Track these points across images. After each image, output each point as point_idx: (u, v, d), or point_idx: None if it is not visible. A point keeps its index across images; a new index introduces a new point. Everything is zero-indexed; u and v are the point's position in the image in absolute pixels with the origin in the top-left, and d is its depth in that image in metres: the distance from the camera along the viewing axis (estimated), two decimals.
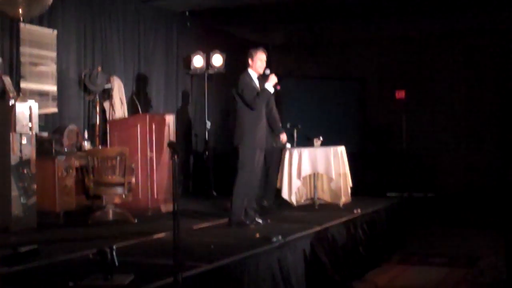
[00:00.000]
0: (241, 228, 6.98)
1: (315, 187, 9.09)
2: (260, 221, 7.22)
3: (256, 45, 7.92)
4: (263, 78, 7.28)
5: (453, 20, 13.28)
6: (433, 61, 14.62)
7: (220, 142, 12.90)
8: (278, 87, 7.21)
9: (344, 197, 9.07)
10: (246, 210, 7.21)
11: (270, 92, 7.17)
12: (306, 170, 8.89)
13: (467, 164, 13.97)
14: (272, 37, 14.63)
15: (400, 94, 14.97)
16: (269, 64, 7.51)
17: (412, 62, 14.72)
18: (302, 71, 12.89)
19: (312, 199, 9.11)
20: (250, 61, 7.33)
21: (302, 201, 9.19)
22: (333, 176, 8.92)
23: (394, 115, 14.90)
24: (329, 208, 8.76)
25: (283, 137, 8.57)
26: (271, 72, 7.25)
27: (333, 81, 14.89)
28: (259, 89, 7.20)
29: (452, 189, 13.88)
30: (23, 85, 8.27)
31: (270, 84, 7.13)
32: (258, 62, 7.28)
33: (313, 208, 8.77)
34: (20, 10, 7.10)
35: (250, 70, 7.31)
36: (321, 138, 9.40)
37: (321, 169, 8.99)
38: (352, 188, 9.44)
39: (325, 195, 9.31)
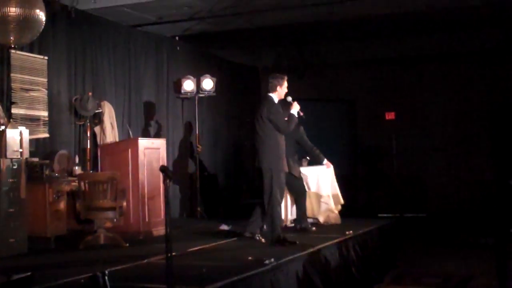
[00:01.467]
0: (281, 245, 7.16)
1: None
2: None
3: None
4: (284, 104, 7.52)
5: (442, 42, 13.42)
6: (422, 83, 14.74)
7: (211, 165, 12.94)
8: (301, 114, 7.42)
9: (336, 216, 9.17)
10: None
11: (296, 118, 7.49)
12: None
13: (458, 184, 14.02)
14: (262, 60, 14.73)
15: (390, 116, 15.08)
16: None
17: (402, 84, 14.84)
18: (292, 93, 12.86)
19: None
20: (278, 87, 7.54)
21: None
22: (324, 194, 9.01)
23: (384, 136, 14.99)
24: (324, 228, 8.81)
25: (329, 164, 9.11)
26: (293, 99, 7.44)
27: (323, 103, 14.96)
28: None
29: (443, 209, 13.92)
30: (14, 110, 8.28)
31: (295, 110, 7.48)
32: (284, 89, 7.56)
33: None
34: (12, 38, 7.14)
35: (273, 95, 7.52)
36: (308, 158, 9.48)
37: (313, 188, 9.05)
38: (343, 208, 9.49)
39: (317, 214, 9.34)
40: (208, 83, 11.74)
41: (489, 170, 13.50)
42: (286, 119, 7.50)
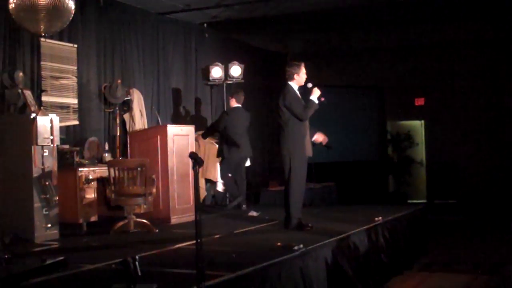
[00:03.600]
0: (300, 230, 7.24)
1: None
2: (310, 225, 7.42)
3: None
4: (304, 90, 7.47)
5: (473, 28, 13.23)
6: (452, 68, 14.61)
7: None
8: (322, 99, 7.41)
9: None
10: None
11: (316, 104, 7.40)
12: None
13: (488, 170, 13.88)
14: (290, 47, 14.68)
15: (420, 101, 14.97)
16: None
17: (431, 70, 14.72)
18: (320, 80, 12.85)
19: None
20: (296, 75, 7.50)
21: None
22: None
23: (413, 122, 14.90)
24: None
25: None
26: (313, 86, 7.38)
27: (352, 89, 14.89)
28: (303, 100, 7.44)
29: (474, 195, 13.80)
30: (44, 98, 8.38)
31: (315, 96, 7.39)
32: (303, 76, 7.51)
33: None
34: (42, 26, 7.19)
35: (291, 83, 7.51)
36: None
37: None
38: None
39: None
40: (236, 70, 11.77)
41: None
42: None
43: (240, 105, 10.23)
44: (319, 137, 7.77)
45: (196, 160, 4.59)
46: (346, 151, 14.18)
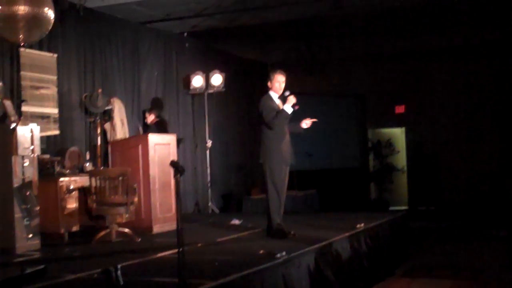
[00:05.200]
0: (283, 237, 7.18)
1: None
2: (292, 232, 7.38)
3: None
4: (282, 99, 7.45)
5: (451, 36, 13.37)
6: (432, 75, 14.74)
7: (221, 160, 12.98)
8: (297, 107, 7.37)
9: None
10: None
11: (288, 113, 7.35)
12: None
13: (469, 177, 13.99)
14: (271, 56, 14.73)
15: (400, 109, 15.09)
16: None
17: (411, 77, 14.85)
18: (301, 88, 12.95)
19: None
20: (269, 83, 7.52)
21: None
22: None
23: (394, 130, 15.00)
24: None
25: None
26: (290, 94, 7.38)
27: (333, 97, 14.98)
28: (279, 109, 7.41)
29: (455, 201, 13.91)
30: (24, 108, 8.33)
31: (289, 105, 7.34)
32: (275, 84, 7.47)
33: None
34: (21, 36, 7.16)
35: (271, 92, 7.52)
36: None
37: None
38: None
39: None
40: (217, 79, 11.79)
41: (500, 162, 13.47)
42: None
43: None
44: (305, 123, 7.59)
45: (178, 168, 4.59)
46: (328, 158, 14.26)
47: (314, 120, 7.60)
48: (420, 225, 11.45)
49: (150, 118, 10.15)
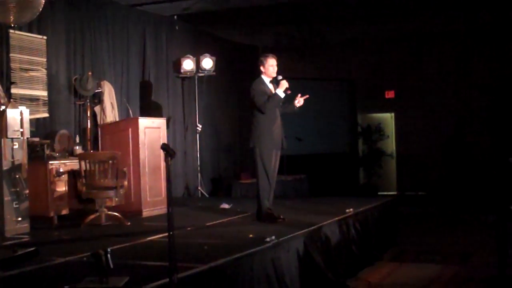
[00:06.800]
0: (272, 222, 7.22)
1: None
2: (281, 216, 7.42)
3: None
4: (275, 83, 7.45)
5: (441, 20, 13.37)
6: (422, 61, 14.76)
7: (211, 144, 12.98)
8: (289, 92, 7.39)
9: None
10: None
11: (280, 97, 7.37)
12: None
13: (458, 163, 14.05)
14: (262, 39, 14.70)
15: (390, 94, 15.11)
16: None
17: (401, 63, 14.86)
18: (291, 72, 12.93)
19: None
20: (262, 67, 7.51)
21: None
22: None
23: (384, 115, 15.02)
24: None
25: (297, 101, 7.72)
26: (282, 78, 7.37)
27: (323, 82, 14.97)
28: (272, 93, 7.41)
29: (443, 187, 13.97)
30: (13, 90, 8.28)
31: (281, 89, 7.35)
32: (269, 68, 7.48)
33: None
34: (11, 17, 7.10)
35: (263, 76, 7.52)
36: None
37: None
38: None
39: None
40: (207, 63, 11.76)
41: (488, 148, 13.53)
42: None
43: None
44: (298, 100, 7.54)
45: (168, 151, 4.58)
46: (317, 143, 14.28)
47: (306, 96, 7.56)
48: (409, 211, 11.51)
49: None
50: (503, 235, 6.34)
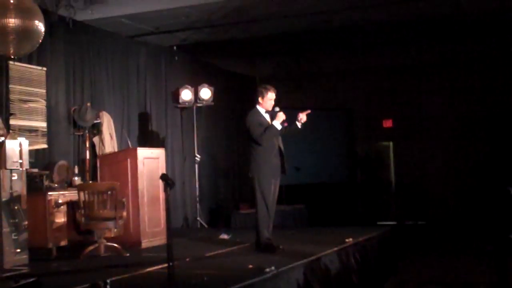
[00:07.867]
0: (271, 252, 7.18)
1: None
2: (281, 246, 7.39)
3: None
4: (272, 113, 7.46)
5: (439, 50, 13.46)
6: (419, 90, 14.80)
7: (210, 174, 12.98)
8: (286, 124, 7.41)
9: None
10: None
11: (277, 129, 7.38)
12: None
13: (457, 191, 14.04)
14: (259, 69, 14.77)
15: (388, 123, 15.14)
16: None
17: (399, 91, 14.90)
18: (289, 102, 13.01)
19: None
20: (260, 99, 7.52)
21: None
22: None
23: (382, 144, 15.03)
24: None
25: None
26: (279, 110, 7.39)
27: (321, 111, 15.00)
28: (268, 123, 7.42)
29: (443, 216, 13.93)
30: (12, 122, 8.29)
31: (278, 121, 7.37)
32: (268, 102, 7.50)
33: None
34: (11, 49, 7.14)
35: (258, 107, 7.53)
36: None
37: None
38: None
39: None
40: (206, 93, 11.79)
41: (488, 177, 13.52)
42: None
43: None
44: (300, 118, 7.48)
45: (168, 182, 4.59)
46: (316, 173, 14.26)
47: (308, 111, 7.53)
48: (408, 240, 11.47)
49: None
50: (504, 265, 6.31)
